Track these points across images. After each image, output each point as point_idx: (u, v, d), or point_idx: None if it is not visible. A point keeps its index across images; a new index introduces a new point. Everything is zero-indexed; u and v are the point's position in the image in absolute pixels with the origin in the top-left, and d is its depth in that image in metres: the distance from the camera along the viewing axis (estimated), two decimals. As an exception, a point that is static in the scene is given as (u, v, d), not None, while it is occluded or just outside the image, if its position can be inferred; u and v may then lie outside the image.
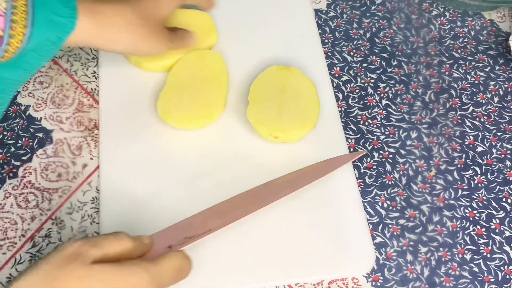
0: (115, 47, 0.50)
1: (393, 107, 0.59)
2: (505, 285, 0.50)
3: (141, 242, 0.41)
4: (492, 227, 0.53)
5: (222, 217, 0.46)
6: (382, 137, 0.57)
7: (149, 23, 0.51)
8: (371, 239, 0.50)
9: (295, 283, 0.49)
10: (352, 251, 0.49)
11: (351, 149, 0.56)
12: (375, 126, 0.58)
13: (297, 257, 0.49)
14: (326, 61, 0.61)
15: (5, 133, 0.55)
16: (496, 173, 0.56)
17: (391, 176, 0.55)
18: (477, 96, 0.60)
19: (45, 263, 0.36)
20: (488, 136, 0.58)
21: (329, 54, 0.62)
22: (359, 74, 0.61)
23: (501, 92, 0.61)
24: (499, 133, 0.58)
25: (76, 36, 0.46)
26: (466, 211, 0.54)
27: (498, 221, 0.53)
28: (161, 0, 0.53)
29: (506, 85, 0.61)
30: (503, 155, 0.57)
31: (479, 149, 0.57)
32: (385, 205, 0.53)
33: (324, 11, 0.65)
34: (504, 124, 0.59)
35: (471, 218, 0.53)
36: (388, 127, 0.58)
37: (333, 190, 0.52)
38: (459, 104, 0.60)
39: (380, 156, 0.56)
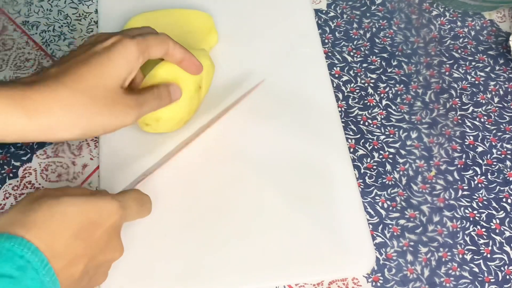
0: (60, 135, 0.40)
1: (393, 107, 0.59)
2: (505, 286, 0.50)
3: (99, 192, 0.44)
4: (492, 227, 0.53)
5: (160, 164, 0.52)
6: (382, 137, 0.57)
7: (97, 96, 0.40)
8: (371, 239, 0.50)
9: (295, 283, 0.49)
10: (352, 251, 0.49)
11: (351, 149, 0.56)
12: (375, 126, 0.58)
13: (297, 257, 0.49)
14: (326, 61, 0.61)
15: (5, 133, 0.55)
16: (496, 173, 0.56)
17: (391, 176, 0.55)
18: (477, 96, 0.60)
19: (18, 203, 0.38)
20: (488, 136, 0.58)
21: (329, 54, 0.62)
22: (359, 74, 0.61)
23: (501, 92, 0.61)
24: (499, 133, 0.58)
25: (8, 131, 0.38)
26: (466, 211, 0.54)
27: (498, 221, 0.53)
28: (108, 63, 0.41)
29: (506, 85, 0.61)
30: (503, 155, 0.57)
31: (479, 149, 0.57)
32: (385, 205, 0.53)
33: (324, 11, 0.65)
34: (504, 124, 0.59)
35: (471, 219, 0.53)
36: (388, 127, 0.58)
37: (333, 190, 0.52)
38: (459, 104, 0.60)
39: (380, 156, 0.56)
